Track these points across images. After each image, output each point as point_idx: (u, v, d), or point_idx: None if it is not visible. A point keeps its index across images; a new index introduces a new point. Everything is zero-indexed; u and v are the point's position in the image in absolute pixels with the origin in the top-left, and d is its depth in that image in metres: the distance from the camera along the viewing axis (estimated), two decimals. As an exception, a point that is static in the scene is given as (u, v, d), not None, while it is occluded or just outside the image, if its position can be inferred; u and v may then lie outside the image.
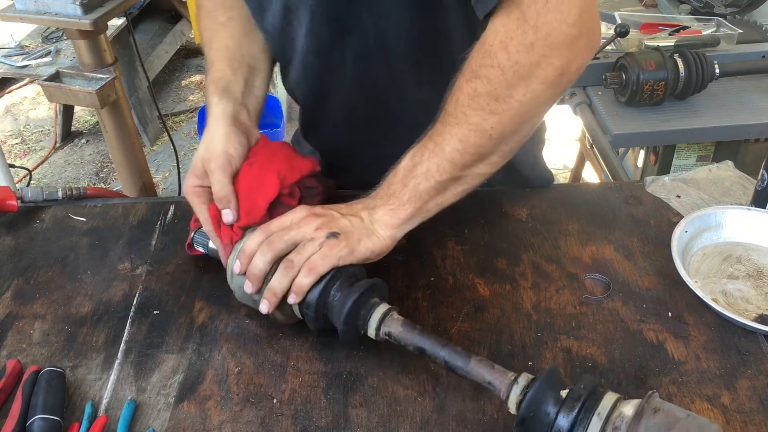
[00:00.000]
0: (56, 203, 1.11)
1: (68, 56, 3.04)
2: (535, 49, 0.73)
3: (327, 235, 0.79)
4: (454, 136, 0.78)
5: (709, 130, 1.72)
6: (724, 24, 1.93)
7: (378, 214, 0.82)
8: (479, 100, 0.76)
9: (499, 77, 0.75)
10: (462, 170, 0.80)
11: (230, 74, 0.97)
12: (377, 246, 0.81)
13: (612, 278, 0.93)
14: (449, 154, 0.79)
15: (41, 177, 3.27)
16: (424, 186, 0.80)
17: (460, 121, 0.78)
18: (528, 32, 0.72)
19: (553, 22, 0.72)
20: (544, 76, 0.74)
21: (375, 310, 0.78)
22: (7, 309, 0.92)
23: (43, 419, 0.73)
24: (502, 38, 0.74)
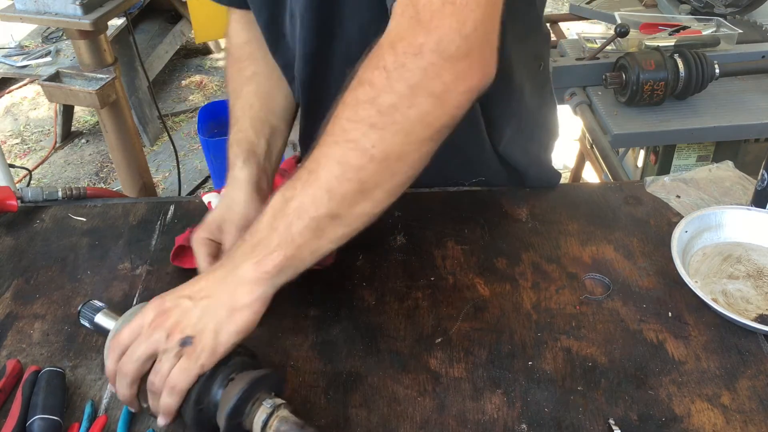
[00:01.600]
0: (56, 203, 1.11)
1: (68, 56, 3.04)
2: (423, 53, 0.66)
3: (180, 342, 0.68)
4: (331, 159, 0.68)
5: (709, 130, 1.72)
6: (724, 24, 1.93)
7: (240, 273, 0.70)
8: (359, 111, 0.67)
9: (383, 81, 0.67)
10: (341, 204, 0.69)
11: (253, 136, 0.97)
12: (240, 325, 0.69)
13: (612, 278, 0.93)
14: (325, 182, 0.68)
15: (41, 177, 3.27)
16: (297, 226, 0.69)
17: (338, 138, 0.68)
18: (419, 33, 0.66)
19: (446, 28, 0.66)
20: (431, 88, 0.67)
21: (261, 408, 0.68)
22: (7, 309, 0.92)
23: (43, 419, 0.73)
24: (392, 38, 0.68)
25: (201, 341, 0.68)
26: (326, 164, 0.69)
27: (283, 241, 0.69)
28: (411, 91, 0.66)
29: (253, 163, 0.95)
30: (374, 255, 0.97)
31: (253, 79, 1.02)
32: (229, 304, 0.69)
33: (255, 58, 1.03)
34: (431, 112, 0.68)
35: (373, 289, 0.92)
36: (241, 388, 0.67)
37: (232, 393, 0.67)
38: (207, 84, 3.96)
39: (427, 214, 1.05)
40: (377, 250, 0.98)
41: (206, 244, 0.89)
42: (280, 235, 0.69)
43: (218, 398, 0.68)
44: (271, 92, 1.03)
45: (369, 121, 0.67)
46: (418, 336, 0.86)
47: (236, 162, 0.95)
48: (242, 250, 0.71)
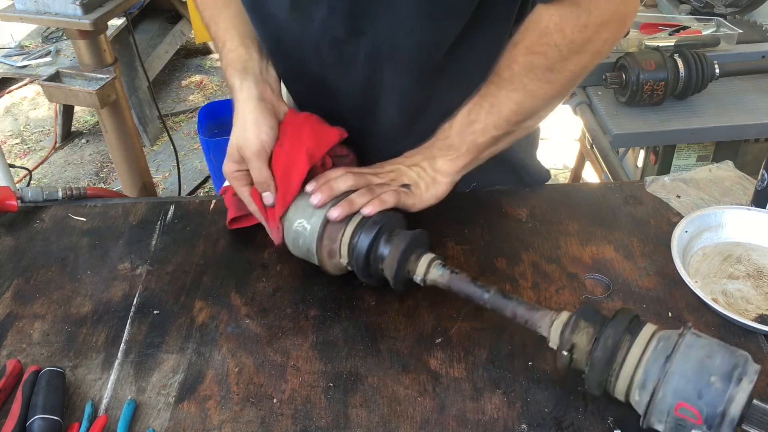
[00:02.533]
0: (56, 203, 1.11)
1: (68, 56, 3.04)
2: (588, 28, 0.83)
3: (401, 185, 0.91)
4: (511, 100, 0.89)
5: (709, 130, 1.72)
6: (724, 24, 1.93)
7: (438, 163, 0.92)
8: (536, 72, 0.87)
9: (556, 54, 0.85)
10: (515, 125, 0.91)
11: (245, 52, 0.96)
12: (440, 192, 0.92)
13: (612, 278, 0.93)
14: (506, 115, 0.89)
15: (41, 177, 3.27)
16: (481, 140, 0.91)
17: (517, 87, 0.88)
18: (581, 15, 0.83)
19: (603, 4, 0.83)
20: (595, 49, 0.86)
21: (421, 259, 0.84)
22: (7, 309, 0.92)
23: (43, 419, 0.73)
24: (557, 21, 0.84)
25: (416, 189, 0.92)
26: (507, 103, 0.89)
27: (470, 149, 0.92)
28: (578, 56, 0.86)
29: (250, 80, 0.94)
30: (374, 255, 0.97)
31: (228, 4, 1.01)
32: (432, 177, 0.93)
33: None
34: (592, 62, 0.88)
35: (373, 289, 0.92)
36: (406, 242, 0.84)
37: (398, 246, 0.84)
38: (207, 84, 3.96)
39: (427, 214, 1.05)
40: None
41: (239, 177, 0.94)
42: (467, 144, 0.91)
43: (384, 250, 0.85)
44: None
45: (545, 79, 0.87)
46: (418, 336, 0.86)
47: (234, 83, 0.94)
48: (438, 146, 0.93)
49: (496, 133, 0.91)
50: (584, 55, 0.86)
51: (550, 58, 0.86)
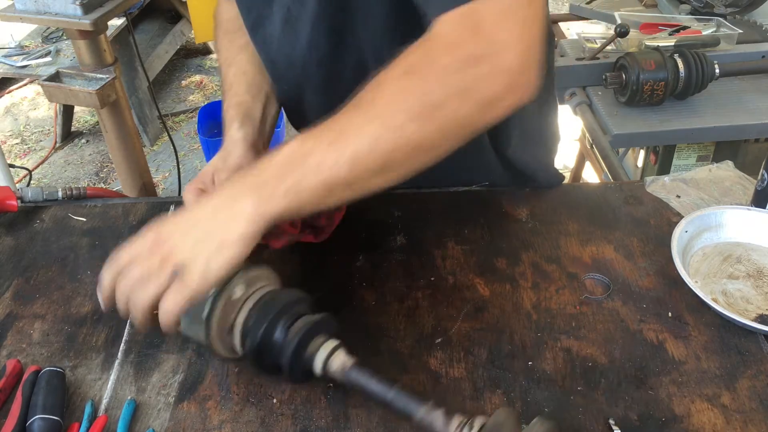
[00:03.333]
0: (56, 203, 1.11)
1: (68, 56, 3.04)
2: (482, 63, 0.68)
3: (173, 269, 0.69)
4: (365, 133, 0.68)
5: (709, 130, 1.72)
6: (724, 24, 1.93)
7: (240, 205, 0.69)
8: (408, 100, 0.68)
9: (437, 81, 0.68)
10: (360, 175, 0.70)
11: (250, 100, 0.97)
12: (229, 259, 0.69)
13: (612, 278, 0.93)
14: (353, 152, 0.68)
15: (41, 177, 3.27)
16: (309, 181, 0.68)
17: (380, 115, 0.68)
18: (480, 44, 0.68)
19: (506, 44, 0.68)
20: (481, 96, 0.69)
21: (322, 347, 0.74)
22: (7, 309, 0.92)
23: (43, 419, 0.73)
24: (449, 41, 0.69)
25: (192, 270, 0.69)
26: (358, 135, 0.69)
27: (291, 191, 0.69)
28: (461, 96, 0.68)
29: (249, 125, 0.95)
30: (374, 255, 0.97)
31: (245, 48, 1.02)
32: (221, 236, 0.69)
33: (244, 30, 1.03)
34: (475, 116, 0.70)
35: (373, 290, 0.92)
36: (303, 330, 0.74)
37: (294, 335, 0.73)
38: (207, 84, 3.96)
39: (427, 214, 1.05)
40: (377, 251, 0.98)
41: (198, 194, 0.88)
42: (289, 185, 0.68)
43: (281, 339, 0.74)
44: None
45: (414, 111, 0.68)
46: (418, 336, 0.86)
47: (233, 124, 0.94)
48: (245, 183, 0.70)
49: (331, 177, 0.68)
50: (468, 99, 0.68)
51: (430, 84, 0.68)
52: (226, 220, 0.69)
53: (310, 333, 0.75)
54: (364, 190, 0.72)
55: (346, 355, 0.75)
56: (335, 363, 0.74)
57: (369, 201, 1.06)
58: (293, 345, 0.73)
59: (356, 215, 1.04)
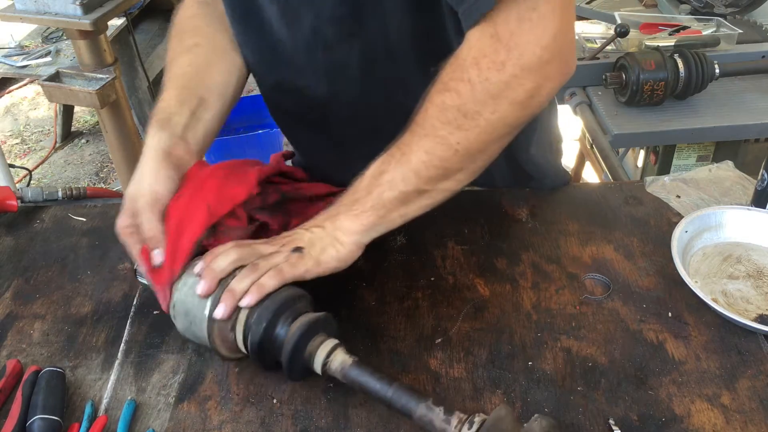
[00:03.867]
0: (56, 203, 1.11)
1: (68, 56, 3.04)
2: (506, 68, 0.73)
3: (292, 249, 0.79)
4: (421, 148, 0.78)
5: (709, 130, 1.72)
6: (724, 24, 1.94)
7: (340, 220, 0.81)
8: (447, 114, 0.77)
9: (469, 92, 0.75)
10: (427, 183, 0.80)
11: (175, 105, 0.93)
12: (342, 254, 0.81)
13: (612, 278, 0.93)
14: (414, 165, 0.79)
15: (41, 177, 3.27)
16: (387, 195, 0.80)
17: (428, 132, 0.78)
18: (500, 51, 0.73)
19: (526, 44, 0.73)
20: (514, 96, 0.75)
21: (321, 346, 0.75)
22: (7, 309, 0.92)
23: (43, 419, 0.73)
24: (474, 54, 0.75)
25: (310, 252, 0.79)
26: (417, 151, 0.79)
27: (375, 205, 0.80)
28: (494, 101, 0.75)
29: (166, 132, 0.90)
30: (374, 255, 0.97)
31: (191, 50, 1.00)
32: (333, 236, 0.81)
33: (198, 30, 1.01)
34: (513, 115, 0.77)
35: (373, 290, 0.92)
36: (303, 327, 0.75)
37: (295, 331, 0.74)
38: (207, 84, 3.95)
39: (427, 214, 1.04)
40: (377, 251, 0.98)
41: (131, 233, 0.84)
42: (374, 199, 0.80)
43: (282, 335, 0.75)
44: (208, 64, 0.99)
45: (456, 123, 0.76)
46: (418, 336, 0.86)
47: (150, 131, 0.91)
48: (343, 202, 0.82)
49: (404, 188, 0.80)
50: (502, 102, 0.75)
51: (464, 97, 0.75)
52: (333, 230, 0.81)
53: (310, 331, 0.75)
54: (437, 195, 0.83)
55: (345, 354, 0.75)
56: (335, 362, 0.75)
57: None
58: (293, 342, 0.74)
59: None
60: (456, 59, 0.77)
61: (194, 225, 0.82)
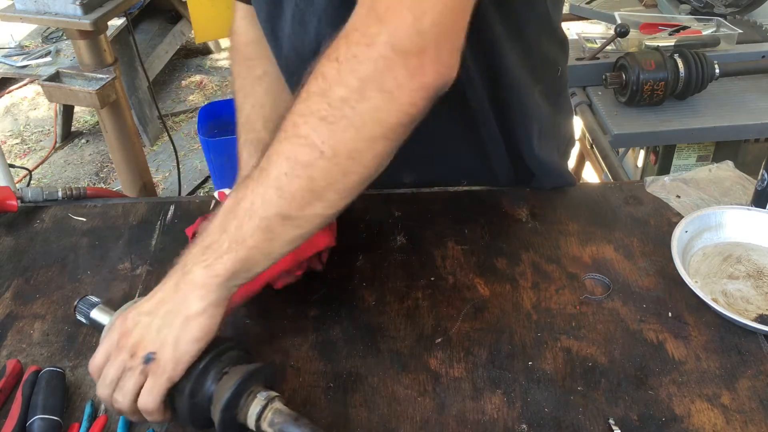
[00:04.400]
0: (56, 203, 1.11)
1: (68, 56, 3.04)
2: (375, 44, 0.63)
3: (143, 360, 0.67)
4: (281, 155, 0.66)
5: (709, 130, 1.72)
6: (724, 24, 1.94)
7: (191, 277, 0.67)
8: (310, 104, 0.65)
9: (335, 74, 0.64)
10: (291, 204, 0.66)
11: (267, 137, 0.91)
12: (197, 332, 0.67)
13: (612, 278, 0.93)
14: (275, 180, 0.65)
15: (41, 177, 3.27)
16: (247, 227, 0.66)
17: (289, 134, 0.66)
18: (372, 24, 0.64)
19: (401, 21, 0.63)
20: (382, 82, 0.64)
21: (255, 401, 0.68)
22: (7, 309, 0.92)
23: (43, 419, 0.73)
24: (347, 29, 0.66)
25: (163, 356, 0.67)
26: (276, 161, 0.66)
27: (234, 243, 0.66)
28: (361, 83, 0.64)
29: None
30: (374, 255, 0.97)
31: (264, 79, 1.02)
32: (184, 312, 0.67)
33: (264, 57, 1.02)
34: (382, 107, 0.65)
35: (373, 289, 0.92)
36: (236, 381, 0.67)
37: (226, 386, 0.67)
38: (207, 84, 3.96)
39: (427, 214, 1.05)
40: (377, 250, 0.98)
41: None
42: (231, 236, 0.66)
43: (212, 392, 0.68)
44: (281, 93, 1.02)
45: (319, 114, 0.65)
46: (418, 336, 0.86)
47: (250, 162, 0.92)
48: (193, 253, 0.68)
49: (264, 213, 0.66)
50: (369, 86, 0.64)
51: (329, 79, 0.64)
52: (185, 294, 0.67)
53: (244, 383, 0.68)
54: (307, 223, 0.68)
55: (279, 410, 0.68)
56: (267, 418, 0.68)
57: (369, 201, 1.06)
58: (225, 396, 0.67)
59: (356, 215, 1.04)
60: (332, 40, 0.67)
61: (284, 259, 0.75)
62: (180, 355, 0.67)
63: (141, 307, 0.70)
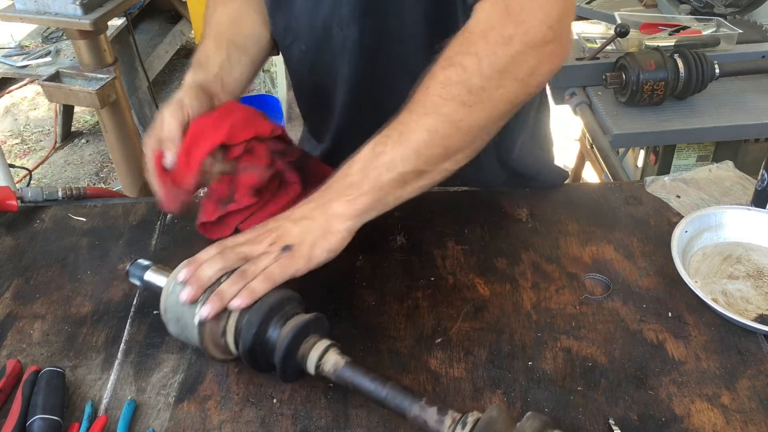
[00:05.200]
0: (56, 203, 1.11)
1: (68, 56, 3.04)
2: (513, 42, 0.74)
3: (281, 248, 0.77)
4: (422, 126, 0.77)
5: (709, 130, 1.72)
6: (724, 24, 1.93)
7: (333, 207, 0.79)
8: (452, 89, 0.76)
9: (475, 66, 0.75)
10: (426, 163, 0.79)
11: (213, 49, 0.98)
12: (333, 244, 0.79)
13: (612, 278, 0.93)
14: (415, 145, 0.77)
15: (41, 177, 3.27)
16: (386, 177, 0.78)
17: (429, 110, 0.77)
18: (509, 25, 0.74)
19: (535, 20, 0.74)
20: (517, 72, 0.76)
21: (314, 347, 0.75)
22: (7, 309, 0.92)
23: (43, 419, 0.73)
24: (483, 27, 0.76)
25: (300, 249, 0.78)
26: (417, 130, 0.77)
27: (373, 188, 0.78)
28: (500, 75, 0.75)
29: (202, 71, 0.96)
30: (374, 255, 0.97)
31: (228, 3, 1.04)
32: (325, 227, 0.79)
33: None
34: (516, 92, 0.77)
35: (373, 289, 0.92)
36: (295, 327, 0.74)
37: (287, 331, 0.74)
38: (207, 84, 3.96)
39: (427, 214, 1.05)
40: (377, 251, 0.98)
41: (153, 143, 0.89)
42: (370, 182, 0.78)
43: (275, 337, 0.75)
44: (243, 17, 1.03)
45: (460, 99, 0.76)
46: (418, 336, 0.86)
47: (189, 71, 0.96)
48: (335, 188, 0.80)
49: (403, 169, 0.78)
50: (506, 77, 0.76)
51: (469, 71, 0.75)
52: (327, 216, 0.79)
53: (302, 333, 0.75)
54: (436, 176, 0.81)
55: (338, 355, 0.75)
56: (328, 363, 0.74)
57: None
58: (284, 345, 0.74)
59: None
60: (463, 33, 0.77)
61: (212, 137, 0.84)
62: (313, 255, 0.78)
63: (280, 216, 0.81)
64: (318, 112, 1.12)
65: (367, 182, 0.78)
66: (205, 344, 0.77)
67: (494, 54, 0.75)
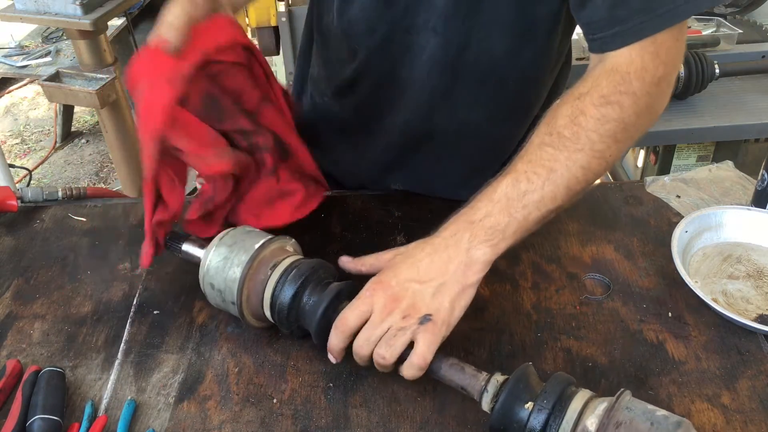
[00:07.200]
0: (56, 203, 1.11)
1: (68, 56, 3.04)
2: (661, 83, 0.79)
3: (420, 320, 0.73)
4: (576, 163, 0.77)
5: (709, 130, 1.73)
6: (724, 24, 1.94)
7: (473, 254, 0.76)
8: (609, 127, 0.77)
9: (632, 105, 0.77)
10: (570, 199, 0.79)
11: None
12: (470, 299, 0.76)
13: (612, 278, 0.93)
14: (567, 182, 0.77)
15: (41, 177, 3.27)
16: (534, 216, 0.77)
17: (584, 147, 0.77)
18: (660, 67, 0.78)
19: (675, 62, 0.81)
20: (658, 109, 0.81)
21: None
22: (7, 309, 0.92)
23: (43, 419, 0.73)
24: (637, 68, 0.78)
25: (440, 317, 0.74)
26: (570, 167, 0.77)
27: (519, 229, 0.77)
28: (648, 113, 0.80)
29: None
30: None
31: None
32: (461, 281, 0.75)
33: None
34: (648, 124, 0.82)
35: (373, 289, 0.92)
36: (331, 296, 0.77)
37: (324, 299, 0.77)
38: (207, 84, 3.95)
39: (427, 214, 1.05)
40: (377, 251, 0.98)
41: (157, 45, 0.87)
42: (517, 223, 0.76)
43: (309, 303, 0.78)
44: None
45: (615, 136, 0.78)
46: (418, 336, 0.85)
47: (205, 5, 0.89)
48: (474, 231, 0.77)
49: (552, 206, 0.77)
50: (652, 115, 0.81)
51: (626, 110, 0.77)
52: (463, 268, 0.76)
53: (338, 298, 0.78)
54: (568, 206, 0.81)
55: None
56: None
57: (369, 201, 1.06)
58: (320, 311, 0.77)
59: (356, 215, 1.04)
60: (615, 73, 0.78)
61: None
62: (453, 318, 0.75)
63: (402, 276, 0.77)
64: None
65: (513, 224, 0.76)
66: (245, 316, 0.82)
67: (648, 94, 0.78)
